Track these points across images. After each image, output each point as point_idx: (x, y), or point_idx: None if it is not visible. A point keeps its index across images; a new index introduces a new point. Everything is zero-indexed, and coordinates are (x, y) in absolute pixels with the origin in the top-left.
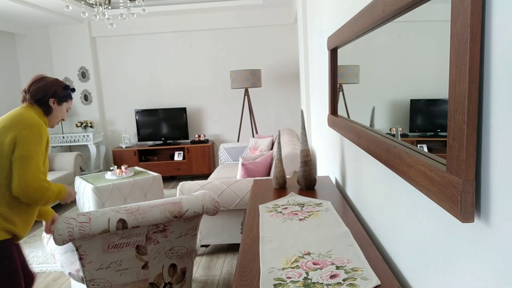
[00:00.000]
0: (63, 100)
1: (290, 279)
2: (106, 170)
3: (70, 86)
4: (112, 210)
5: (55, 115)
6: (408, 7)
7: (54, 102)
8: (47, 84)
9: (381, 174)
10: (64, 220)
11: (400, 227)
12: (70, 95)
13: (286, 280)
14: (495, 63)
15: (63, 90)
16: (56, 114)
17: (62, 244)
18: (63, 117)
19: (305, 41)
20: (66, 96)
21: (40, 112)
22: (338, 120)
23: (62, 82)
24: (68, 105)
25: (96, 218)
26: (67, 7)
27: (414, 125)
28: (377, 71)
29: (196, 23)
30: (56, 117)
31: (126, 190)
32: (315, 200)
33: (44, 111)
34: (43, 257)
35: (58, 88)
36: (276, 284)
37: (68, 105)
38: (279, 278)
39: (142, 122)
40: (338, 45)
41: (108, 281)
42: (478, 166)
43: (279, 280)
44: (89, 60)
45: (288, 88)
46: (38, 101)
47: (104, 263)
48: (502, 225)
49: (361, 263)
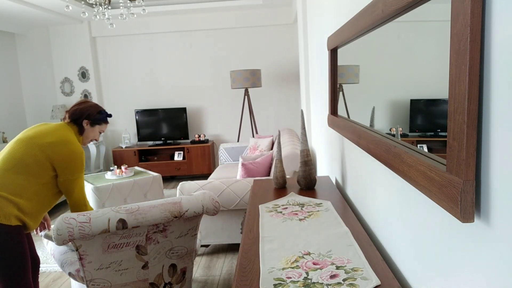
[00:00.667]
0: (96, 123)
1: (290, 279)
2: (106, 170)
3: (105, 111)
4: (112, 210)
5: (87, 135)
6: (408, 7)
7: (87, 123)
8: (85, 107)
9: (381, 174)
10: (64, 220)
11: (400, 227)
12: (104, 119)
13: (286, 280)
14: (495, 63)
15: (97, 114)
16: (88, 134)
17: (62, 244)
18: (95, 137)
19: (305, 41)
20: (99, 120)
21: (76, 130)
22: (338, 120)
23: (99, 107)
24: (101, 128)
25: (96, 218)
26: (67, 7)
27: (414, 125)
28: (377, 71)
29: (196, 23)
30: (88, 137)
31: (126, 190)
32: (315, 200)
33: (79, 130)
34: (43, 257)
35: (93, 111)
36: (276, 284)
37: (101, 128)
38: (279, 278)
39: (142, 122)
40: (338, 45)
41: (108, 281)
42: (478, 166)
43: (279, 280)
44: (89, 60)
45: (288, 88)
46: (74, 121)
47: (104, 263)
48: (502, 225)
49: (361, 263)
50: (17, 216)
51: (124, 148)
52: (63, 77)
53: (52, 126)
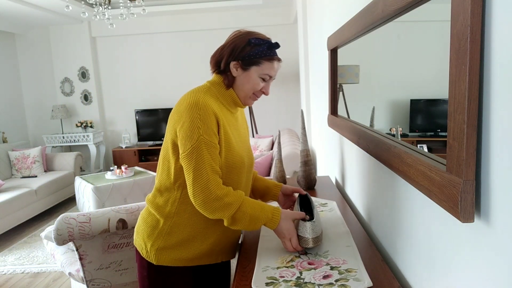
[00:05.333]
0: (251, 63)
1: (283, 278)
2: (106, 170)
3: (261, 40)
4: (112, 210)
5: (241, 85)
6: (408, 7)
7: (236, 66)
8: (229, 41)
9: (381, 174)
10: (64, 220)
11: (400, 227)
12: (265, 52)
13: (279, 279)
14: (495, 63)
15: (248, 47)
16: (242, 83)
17: (62, 244)
18: (255, 88)
19: (305, 41)
20: (255, 55)
21: (221, 85)
22: (338, 120)
23: (251, 33)
24: (264, 70)
25: (96, 218)
26: (67, 7)
27: (414, 125)
28: (377, 71)
29: (196, 23)
30: (243, 89)
31: (126, 190)
32: (320, 200)
33: (224, 81)
34: (43, 257)
35: (241, 43)
36: (268, 283)
37: (264, 69)
38: (272, 277)
39: (142, 122)
40: (338, 45)
41: (108, 281)
42: (478, 166)
43: (272, 279)
44: (89, 60)
45: (288, 88)
46: (217, 66)
47: (104, 263)
48: (502, 225)
49: (356, 264)
50: None
51: (124, 148)
52: (63, 77)
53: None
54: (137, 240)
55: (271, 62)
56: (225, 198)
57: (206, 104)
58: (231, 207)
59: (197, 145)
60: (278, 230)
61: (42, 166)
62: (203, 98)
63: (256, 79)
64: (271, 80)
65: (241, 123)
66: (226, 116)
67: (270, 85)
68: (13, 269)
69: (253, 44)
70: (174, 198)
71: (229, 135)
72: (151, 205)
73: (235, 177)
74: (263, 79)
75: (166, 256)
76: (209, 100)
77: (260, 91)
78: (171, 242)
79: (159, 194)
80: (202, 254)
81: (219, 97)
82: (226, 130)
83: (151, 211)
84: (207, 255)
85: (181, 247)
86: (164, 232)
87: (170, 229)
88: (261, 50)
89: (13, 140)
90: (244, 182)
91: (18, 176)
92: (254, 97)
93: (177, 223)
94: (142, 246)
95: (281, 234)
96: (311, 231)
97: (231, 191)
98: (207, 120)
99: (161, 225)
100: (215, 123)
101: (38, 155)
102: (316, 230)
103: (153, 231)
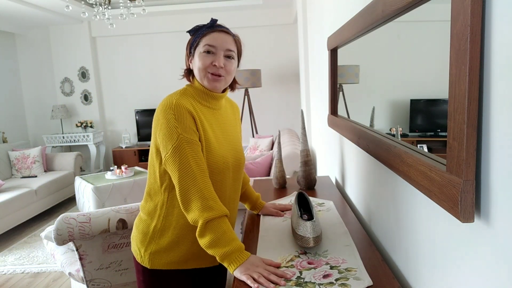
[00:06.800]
0: (195, 47)
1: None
2: (106, 170)
3: (201, 24)
4: (112, 210)
5: (195, 70)
6: (408, 7)
7: (189, 59)
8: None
9: (381, 174)
10: (64, 220)
11: (400, 227)
12: (203, 32)
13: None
14: (495, 63)
15: (192, 36)
16: (195, 68)
17: (62, 244)
18: (203, 65)
19: (305, 41)
20: (195, 40)
21: (193, 83)
22: (338, 120)
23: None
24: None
25: (96, 218)
26: (67, 7)
27: (414, 125)
28: (377, 71)
29: (196, 23)
30: (197, 73)
31: (126, 190)
32: (317, 199)
33: (186, 75)
34: (43, 257)
35: (188, 41)
36: None
37: (202, 46)
38: None
39: (142, 122)
40: (338, 45)
41: (108, 281)
42: (478, 166)
43: None
44: (89, 60)
45: (288, 88)
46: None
47: (104, 263)
48: (502, 225)
49: (356, 263)
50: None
51: (124, 148)
52: (63, 77)
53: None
54: (133, 246)
55: (208, 35)
56: (210, 201)
57: (179, 104)
58: (210, 211)
59: (178, 144)
60: (246, 263)
61: (42, 166)
62: (176, 99)
63: (200, 55)
64: (220, 52)
65: (230, 121)
66: (205, 114)
67: (270, 85)
68: (13, 269)
69: (193, 33)
70: (162, 202)
71: (208, 134)
72: (142, 210)
73: (218, 177)
74: (207, 52)
75: (159, 260)
76: (183, 100)
77: (212, 65)
78: (162, 245)
79: (150, 198)
80: (194, 256)
81: (195, 95)
82: (205, 128)
83: (143, 217)
84: (198, 257)
85: (172, 250)
86: (155, 236)
87: (161, 233)
88: (200, 33)
89: (13, 140)
90: (229, 184)
91: (18, 176)
92: (213, 76)
93: (166, 226)
94: (137, 251)
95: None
96: (311, 230)
97: (218, 199)
98: (182, 118)
99: (152, 229)
100: (192, 121)
101: (38, 155)
102: (317, 230)
103: (145, 237)
